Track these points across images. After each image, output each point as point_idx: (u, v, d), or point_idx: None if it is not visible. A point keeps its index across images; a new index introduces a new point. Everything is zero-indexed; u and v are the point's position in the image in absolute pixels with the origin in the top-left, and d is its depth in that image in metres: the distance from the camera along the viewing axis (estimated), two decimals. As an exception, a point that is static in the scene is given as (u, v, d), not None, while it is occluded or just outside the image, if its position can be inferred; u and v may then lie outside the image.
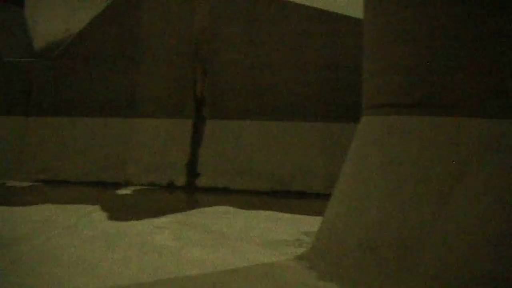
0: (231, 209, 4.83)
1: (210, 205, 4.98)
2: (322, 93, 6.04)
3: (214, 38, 6.40)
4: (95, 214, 4.51)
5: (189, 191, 5.93)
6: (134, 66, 6.62)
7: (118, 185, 6.16)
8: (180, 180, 6.16)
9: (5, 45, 7.54)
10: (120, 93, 6.64)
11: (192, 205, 5.20)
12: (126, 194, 5.66)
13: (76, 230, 3.94)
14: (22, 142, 6.95)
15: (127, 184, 6.24)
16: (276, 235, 3.84)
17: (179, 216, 4.48)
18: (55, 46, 7.88)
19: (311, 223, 4.19)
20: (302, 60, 6.12)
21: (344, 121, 5.88)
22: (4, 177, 6.76)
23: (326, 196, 5.38)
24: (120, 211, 4.70)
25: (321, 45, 6.08)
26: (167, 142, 6.35)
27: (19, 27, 8.21)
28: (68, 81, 6.87)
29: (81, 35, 6.96)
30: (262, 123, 6.15)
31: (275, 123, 6.12)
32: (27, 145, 6.93)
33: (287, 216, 4.55)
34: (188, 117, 6.35)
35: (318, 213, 4.49)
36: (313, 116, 6.05)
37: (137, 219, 4.31)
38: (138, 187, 6.09)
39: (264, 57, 6.22)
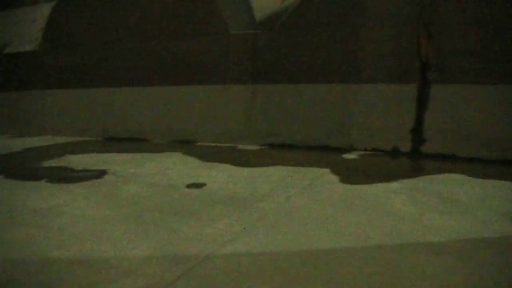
0: (462, 177, 4.60)
1: (439, 172, 4.80)
2: None
3: (438, -1, 6.11)
4: (327, 177, 4.67)
5: (414, 157, 5.78)
6: (355, 32, 6.60)
7: (342, 150, 6.28)
8: (405, 146, 6.04)
9: (231, 18, 8.07)
10: (342, 59, 6.70)
11: (420, 171, 5.04)
12: (352, 159, 5.74)
13: (312, 191, 4.13)
14: (251, 108, 7.46)
15: (351, 149, 6.33)
16: (520, 207, 3.61)
17: (409, 182, 4.41)
18: (272, 17, 8.23)
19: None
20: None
21: None
22: (235, 140, 7.36)
23: None
24: (350, 175, 4.77)
25: None
26: (390, 107, 6.27)
27: (242, 0, 8.71)
28: (290, 50, 7.14)
29: (302, 4, 7.14)
30: (495, 87, 5.74)
31: (509, 86, 5.67)
32: (255, 110, 7.42)
33: (528, 187, 4.22)
34: (412, 81, 6.16)
35: None
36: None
37: (368, 183, 4.36)
38: (362, 152, 6.14)
39: (494, 15, 5.76)
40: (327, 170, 4.97)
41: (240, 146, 7.05)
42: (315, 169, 5.05)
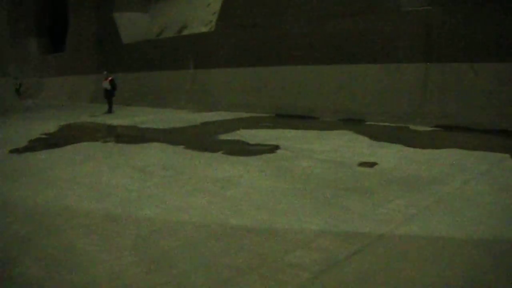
0: None
1: None
2: None
3: None
4: (508, 163, 4.41)
5: None
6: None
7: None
8: None
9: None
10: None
11: None
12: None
13: (491, 177, 3.93)
14: (424, 87, 7.23)
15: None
16: None
17: None
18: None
19: None
20: None
21: None
22: (406, 121, 7.19)
23: None
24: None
25: None
26: None
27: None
28: (465, 26, 6.76)
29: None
30: None
31: None
32: (428, 90, 7.17)
33: None
34: None
35: None
36: None
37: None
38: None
39: None
40: (506, 156, 4.68)
41: (412, 127, 6.87)
42: (493, 154, 4.79)
